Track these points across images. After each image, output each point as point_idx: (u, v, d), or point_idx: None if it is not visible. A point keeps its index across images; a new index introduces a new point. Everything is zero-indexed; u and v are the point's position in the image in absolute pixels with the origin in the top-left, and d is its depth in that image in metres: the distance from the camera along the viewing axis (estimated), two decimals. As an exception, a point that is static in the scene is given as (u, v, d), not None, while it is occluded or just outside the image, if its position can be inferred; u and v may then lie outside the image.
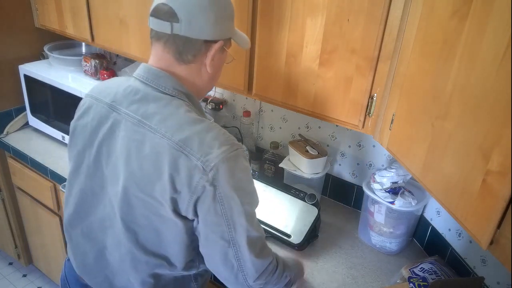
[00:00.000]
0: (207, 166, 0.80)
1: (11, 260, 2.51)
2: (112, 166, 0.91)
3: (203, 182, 0.81)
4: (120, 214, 0.90)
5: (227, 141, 0.85)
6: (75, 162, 0.99)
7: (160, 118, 0.85)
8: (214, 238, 0.86)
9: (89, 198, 0.97)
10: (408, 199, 1.32)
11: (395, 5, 0.98)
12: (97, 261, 0.99)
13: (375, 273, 1.34)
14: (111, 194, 0.92)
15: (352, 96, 1.14)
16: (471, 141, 0.74)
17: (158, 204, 0.85)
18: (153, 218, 0.88)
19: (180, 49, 0.89)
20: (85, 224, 1.00)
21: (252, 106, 1.81)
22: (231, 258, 0.87)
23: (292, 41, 1.18)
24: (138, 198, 0.86)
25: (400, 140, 1.01)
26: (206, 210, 0.83)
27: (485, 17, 0.71)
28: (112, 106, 0.91)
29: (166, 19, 0.86)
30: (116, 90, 0.93)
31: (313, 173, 1.51)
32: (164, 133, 0.83)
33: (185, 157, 0.81)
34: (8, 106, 2.07)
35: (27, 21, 2.02)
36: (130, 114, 0.88)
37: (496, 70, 0.68)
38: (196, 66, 0.92)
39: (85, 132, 0.95)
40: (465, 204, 0.77)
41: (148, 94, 0.89)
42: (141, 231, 0.90)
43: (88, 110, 0.96)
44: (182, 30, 0.86)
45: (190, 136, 0.82)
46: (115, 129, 0.90)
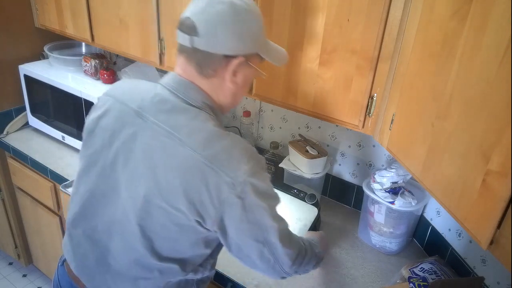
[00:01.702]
0: (236, 181, 0.82)
1: (11, 260, 2.51)
2: (130, 171, 0.90)
3: (232, 196, 0.83)
4: (138, 221, 0.89)
5: (253, 155, 0.87)
6: (88, 161, 0.98)
7: (189, 130, 0.86)
8: (249, 242, 0.89)
9: (98, 200, 0.96)
10: (408, 199, 1.32)
11: (395, 5, 0.98)
12: (98, 264, 0.98)
13: (375, 273, 1.34)
14: (124, 199, 0.91)
15: (352, 96, 1.14)
16: (471, 141, 0.74)
17: (181, 215, 0.86)
18: (172, 227, 0.89)
19: (201, 63, 0.90)
20: (89, 225, 0.98)
21: (252, 106, 1.81)
22: (267, 254, 0.92)
23: (292, 41, 1.18)
24: (160, 207, 0.87)
25: (400, 140, 1.01)
26: (238, 220, 0.86)
27: (485, 17, 0.71)
28: (138, 113, 0.91)
29: (187, 32, 0.87)
30: (143, 96, 0.93)
31: (313, 173, 1.51)
32: (193, 147, 0.84)
33: (214, 172, 0.82)
34: (8, 106, 2.07)
35: (27, 21, 2.02)
36: (159, 124, 0.88)
37: (496, 70, 0.68)
38: (218, 80, 0.92)
39: (105, 133, 0.94)
40: (465, 204, 0.77)
41: (177, 105, 0.89)
42: (158, 239, 0.91)
43: (110, 111, 0.95)
44: (202, 44, 0.87)
45: (219, 152, 0.84)
46: (137, 136, 0.89)
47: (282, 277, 0.98)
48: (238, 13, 0.87)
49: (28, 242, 2.32)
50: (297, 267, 0.98)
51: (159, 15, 1.47)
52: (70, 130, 1.90)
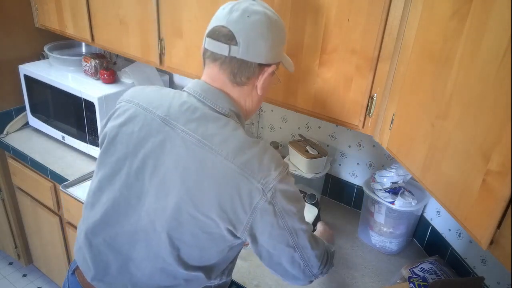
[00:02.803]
0: (266, 187, 0.84)
1: (11, 260, 2.51)
2: (158, 180, 0.89)
3: (263, 203, 0.84)
4: (167, 229, 0.89)
5: (280, 161, 0.89)
6: (112, 169, 0.95)
7: (220, 139, 0.86)
8: (281, 247, 0.90)
9: (121, 208, 0.95)
10: (408, 199, 1.33)
11: (395, 5, 0.98)
12: (120, 273, 0.97)
13: (375, 273, 1.34)
14: (150, 208, 0.91)
15: (352, 96, 1.14)
16: (471, 141, 0.74)
17: (212, 223, 0.86)
18: (201, 235, 0.89)
19: (235, 71, 0.91)
20: (110, 233, 0.97)
21: (252, 106, 1.81)
22: (297, 259, 0.93)
23: (292, 41, 1.18)
24: (192, 216, 0.87)
25: (400, 140, 1.01)
26: (269, 226, 0.87)
27: (485, 17, 0.71)
28: (166, 121, 0.90)
29: (224, 41, 0.89)
30: (169, 103, 0.92)
31: (313, 173, 1.51)
32: (226, 155, 0.84)
33: (246, 180, 0.83)
34: (8, 106, 2.07)
35: (27, 21, 2.02)
36: (189, 133, 0.87)
37: (496, 70, 0.68)
38: (248, 88, 0.95)
39: (130, 140, 0.93)
40: (465, 204, 0.77)
41: (206, 113, 0.90)
42: (185, 248, 0.91)
43: (134, 118, 0.93)
44: (240, 53, 0.89)
45: (249, 159, 0.85)
46: (166, 144, 0.89)
47: (311, 281, 1.00)
48: (273, 24, 0.91)
49: (28, 242, 2.32)
50: (323, 267, 0.99)
51: (159, 15, 1.47)
52: (70, 130, 1.90)
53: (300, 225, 0.91)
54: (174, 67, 1.53)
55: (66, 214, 1.86)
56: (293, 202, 0.89)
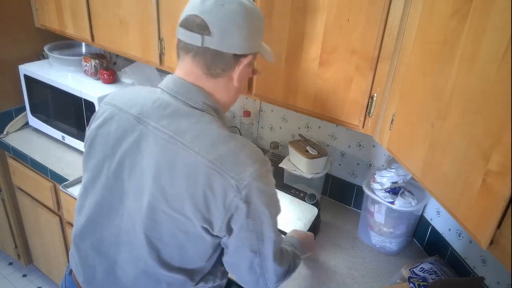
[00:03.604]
0: (241, 184, 0.81)
1: (11, 260, 2.51)
2: (135, 180, 0.88)
3: (237, 200, 0.81)
4: (144, 229, 0.87)
5: (259, 158, 0.85)
6: (93, 172, 0.95)
7: (193, 134, 0.84)
8: (244, 250, 0.88)
9: (104, 211, 0.94)
10: (408, 199, 1.32)
11: (395, 5, 0.98)
12: (106, 277, 0.96)
13: (375, 273, 1.34)
14: (131, 209, 0.90)
15: (352, 96, 1.14)
16: (471, 141, 0.74)
17: (188, 221, 0.84)
18: (179, 235, 0.87)
19: (209, 63, 0.87)
20: (96, 237, 0.96)
21: (252, 106, 1.81)
22: (255, 266, 0.90)
23: (292, 41, 1.18)
24: (166, 214, 0.85)
25: (400, 140, 1.01)
26: (239, 227, 0.84)
27: (485, 17, 0.71)
28: (139, 119, 0.88)
29: (197, 31, 0.84)
30: (143, 102, 0.90)
31: (313, 173, 1.51)
32: (198, 150, 0.82)
33: (220, 175, 0.80)
34: (8, 106, 2.07)
35: (27, 21, 2.02)
36: (161, 129, 0.85)
37: (496, 70, 0.68)
38: (224, 80, 0.91)
39: (107, 142, 0.92)
40: (465, 204, 0.77)
41: (179, 109, 0.87)
42: (164, 248, 0.89)
43: (110, 120, 0.92)
44: (213, 43, 0.85)
45: (224, 154, 0.82)
46: (141, 143, 0.87)
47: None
48: (249, 13, 0.87)
49: (28, 242, 2.32)
50: (279, 283, 0.96)
51: (159, 15, 1.47)
52: (70, 130, 1.90)
53: (270, 233, 0.87)
54: (174, 67, 1.52)
55: (66, 214, 1.86)
56: (268, 205, 0.85)
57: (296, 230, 1.28)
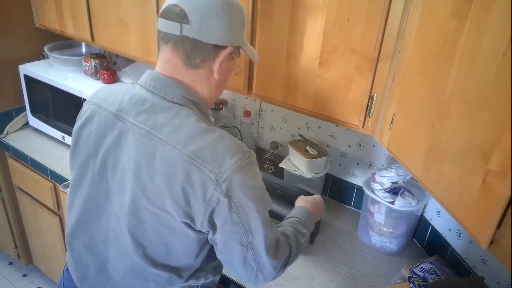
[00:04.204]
0: (220, 177, 0.79)
1: (11, 260, 2.51)
2: (118, 177, 0.88)
3: (217, 194, 0.80)
4: (128, 226, 0.87)
5: (239, 149, 0.83)
6: (79, 171, 0.95)
7: (170, 129, 0.83)
8: (233, 245, 0.86)
9: (92, 210, 0.94)
10: (408, 199, 1.32)
11: (395, 5, 0.98)
12: (98, 275, 0.97)
13: (375, 273, 1.34)
14: (116, 206, 0.90)
15: (352, 96, 1.14)
16: (471, 141, 0.74)
17: (170, 217, 0.83)
18: (163, 231, 0.86)
19: (188, 52, 0.86)
20: (87, 235, 0.96)
21: (252, 106, 1.81)
22: (250, 261, 0.88)
23: (292, 41, 1.18)
24: (148, 210, 0.84)
25: (400, 140, 1.01)
26: (223, 221, 0.83)
27: (485, 17, 0.71)
28: (118, 116, 0.88)
29: (176, 20, 0.84)
30: (122, 98, 0.90)
31: (313, 173, 1.51)
32: (175, 145, 0.81)
33: (198, 169, 0.79)
34: (8, 106, 2.07)
35: (27, 21, 2.02)
36: (138, 125, 0.85)
37: (496, 70, 0.68)
38: (204, 72, 0.90)
39: (89, 141, 0.92)
40: (465, 204, 0.77)
41: (156, 103, 0.86)
42: (150, 245, 0.88)
43: (92, 118, 0.92)
44: (192, 32, 0.84)
45: (201, 148, 0.81)
46: (121, 140, 0.87)
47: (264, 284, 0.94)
48: (229, 4, 0.87)
49: (28, 242, 2.32)
50: (281, 273, 0.94)
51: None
52: (70, 130, 1.89)
53: (259, 227, 0.84)
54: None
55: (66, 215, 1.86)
56: (253, 198, 0.83)
57: (303, 197, 1.21)
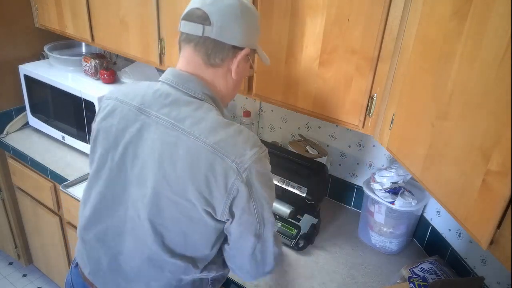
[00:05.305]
0: (241, 167, 0.83)
1: (11, 260, 2.51)
2: (138, 168, 0.91)
3: (238, 183, 0.84)
4: (148, 216, 0.90)
5: (257, 142, 0.89)
6: (97, 165, 0.98)
7: (192, 121, 0.87)
8: (247, 235, 0.91)
9: (109, 202, 0.97)
10: (408, 199, 1.33)
11: (395, 5, 0.98)
12: (111, 268, 0.99)
13: (375, 273, 1.34)
14: (134, 197, 0.92)
15: (352, 96, 1.14)
16: (471, 141, 0.74)
17: (191, 206, 0.87)
18: (182, 220, 0.89)
19: (209, 52, 0.91)
20: (100, 228, 0.99)
21: (252, 106, 1.81)
22: (257, 252, 0.93)
23: (292, 41, 1.18)
24: (170, 200, 0.87)
25: (400, 140, 1.01)
26: (241, 210, 0.87)
27: (485, 17, 0.71)
28: (141, 109, 0.92)
29: (198, 21, 0.89)
30: (144, 93, 0.94)
31: (313, 173, 1.51)
32: (198, 135, 0.85)
33: (220, 159, 0.83)
34: (8, 106, 2.07)
35: (27, 21, 2.02)
36: (162, 117, 0.89)
37: (496, 70, 0.68)
38: (223, 71, 0.95)
39: (110, 134, 0.95)
40: (465, 204, 0.77)
41: (179, 97, 0.91)
42: (168, 234, 0.91)
43: (113, 113, 0.96)
44: (213, 33, 0.89)
45: (223, 139, 0.85)
46: (143, 132, 0.90)
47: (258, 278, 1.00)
48: (246, 8, 0.93)
49: (28, 242, 2.32)
50: (274, 269, 0.99)
51: (159, 15, 1.47)
52: (70, 130, 1.90)
53: (269, 216, 0.91)
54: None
55: (66, 214, 1.86)
56: (267, 189, 0.89)
57: None
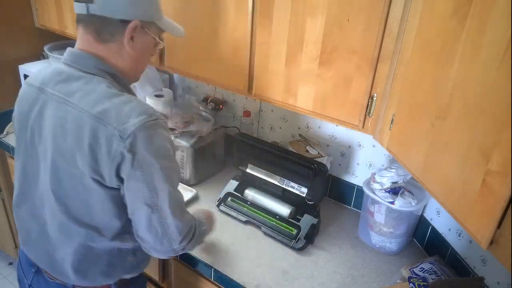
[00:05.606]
0: (124, 133, 0.86)
1: (11, 260, 2.51)
2: (43, 144, 0.97)
3: (121, 149, 0.86)
4: (51, 187, 0.97)
5: (145, 111, 0.90)
6: (16, 145, 1.07)
7: (81, 94, 0.92)
8: (138, 204, 0.92)
9: (29, 178, 1.04)
10: (408, 199, 1.33)
11: (395, 5, 0.98)
12: (39, 236, 1.05)
13: (375, 273, 1.34)
14: (42, 171, 0.99)
15: (352, 96, 1.14)
16: (471, 141, 0.74)
17: (82, 174, 0.92)
18: (79, 188, 0.94)
19: (98, 29, 0.95)
20: (29, 202, 1.06)
21: (252, 106, 1.81)
22: (155, 223, 0.93)
23: (292, 41, 1.18)
24: (65, 170, 0.94)
25: (400, 140, 1.01)
26: (127, 177, 0.89)
27: (485, 17, 0.71)
28: (41, 89, 0.99)
29: (83, 0, 0.93)
30: (44, 73, 1.01)
31: (313, 173, 1.51)
32: (83, 107, 0.90)
33: (103, 127, 0.88)
34: (8, 106, 2.07)
35: (27, 21, 2.02)
36: (55, 94, 0.95)
37: (496, 70, 0.68)
38: (116, 45, 0.98)
39: (21, 116, 1.03)
40: (465, 204, 0.77)
41: (71, 74, 0.96)
42: (71, 203, 0.97)
43: (23, 96, 1.05)
44: (97, 10, 0.93)
45: (108, 108, 0.89)
46: (43, 109, 0.97)
47: (169, 255, 0.99)
48: None
49: (28, 242, 2.32)
50: (185, 244, 0.99)
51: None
52: (70, 130, 1.90)
53: (163, 185, 0.91)
54: (174, 67, 1.53)
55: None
56: (157, 157, 0.89)
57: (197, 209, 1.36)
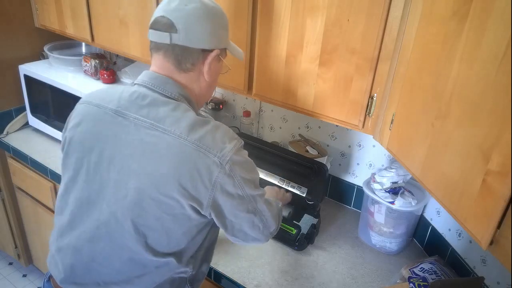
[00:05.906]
0: (223, 160, 0.88)
1: (11, 260, 2.51)
2: (116, 170, 0.91)
3: (222, 176, 0.88)
4: (131, 217, 0.90)
5: (233, 135, 0.94)
6: (74, 170, 0.98)
7: (172, 120, 0.89)
8: (242, 215, 0.96)
9: (84, 207, 0.96)
10: (408, 199, 1.33)
11: (395, 5, 0.98)
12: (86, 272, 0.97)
13: (375, 273, 1.34)
14: (111, 199, 0.92)
15: (352, 96, 1.14)
16: (471, 141, 0.74)
17: (175, 204, 0.88)
18: (165, 218, 0.91)
19: (179, 58, 0.94)
20: (74, 234, 0.97)
21: (252, 106, 1.81)
22: (257, 223, 1.00)
23: (292, 41, 1.18)
24: (154, 199, 0.88)
25: (400, 140, 1.02)
26: (230, 198, 0.91)
27: (485, 17, 0.71)
28: (118, 112, 0.93)
29: (165, 30, 0.92)
30: (119, 96, 0.95)
31: (313, 173, 1.51)
32: (179, 134, 0.87)
33: (203, 155, 0.87)
34: (8, 106, 2.07)
35: (27, 21, 2.02)
36: (141, 119, 0.90)
37: (496, 70, 0.68)
38: (195, 74, 0.98)
39: (85, 138, 0.95)
40: (465, 204, 0.77)
41: (156, 98, 0.93)
42: (152, 234, 0.92)
43: (87, 117, 0.96)
44: (181, 40, 0.92)
45: (203, 135, 0.88)
46: (120, 134, 0.91)
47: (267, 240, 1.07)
48: (210, 10, 0.95)
49: (28, 242, 2.32)
50: (277, 225, 1.08)
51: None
52: (70, 130, 1.90)
53: (257, 192, 0.97)
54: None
55: (66, 214, 1.86)
56: (249, 172, 0.95)
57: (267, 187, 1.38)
